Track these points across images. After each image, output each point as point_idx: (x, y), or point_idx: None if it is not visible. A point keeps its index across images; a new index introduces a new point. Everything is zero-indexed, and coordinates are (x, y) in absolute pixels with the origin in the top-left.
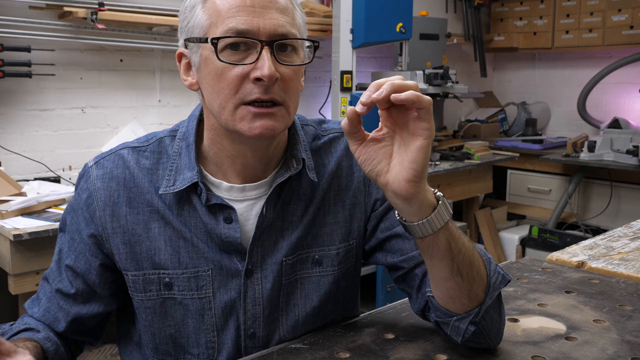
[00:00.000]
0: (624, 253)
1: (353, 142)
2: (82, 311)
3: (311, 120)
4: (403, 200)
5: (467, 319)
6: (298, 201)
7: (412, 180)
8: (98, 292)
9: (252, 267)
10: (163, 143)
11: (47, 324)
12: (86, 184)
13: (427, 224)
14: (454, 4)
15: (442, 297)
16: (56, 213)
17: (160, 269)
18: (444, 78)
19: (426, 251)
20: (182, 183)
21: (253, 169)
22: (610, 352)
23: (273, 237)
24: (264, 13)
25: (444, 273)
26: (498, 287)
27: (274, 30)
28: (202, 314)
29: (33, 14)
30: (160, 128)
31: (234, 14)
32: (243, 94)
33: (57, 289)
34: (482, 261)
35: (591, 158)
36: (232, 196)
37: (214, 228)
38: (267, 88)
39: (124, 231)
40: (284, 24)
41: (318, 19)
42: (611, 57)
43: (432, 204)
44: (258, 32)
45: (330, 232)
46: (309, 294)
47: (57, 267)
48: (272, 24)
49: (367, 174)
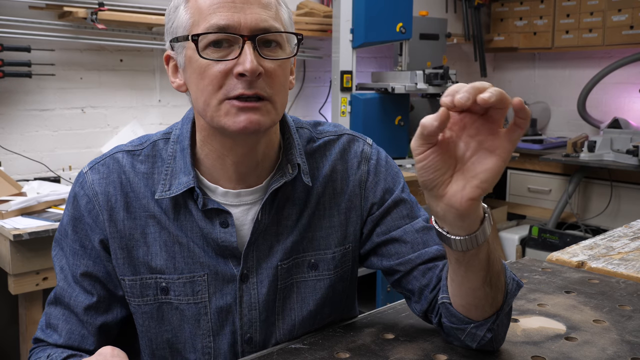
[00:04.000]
0: (624, 253)
1: (424, 143)
2: (107, 319)
3: (306, 122)
4: (457, 216)
5: (485, 326)
6: (293, 205)
7: (475, 199)
8: (119, 295)
9: (247, 271)
10: (157, 146)
11: (76, 347)
12: (83, 190)
13: (474, 238)
14: (454, 4)
15: (465, 305)
16: (56, 213)
17: (157, 274)
18: (444, 78)
19: (463, 263)
20: (178, 188)
21: (245, 168)
22: (610, 352)
23: (268, 242)
24: (245, 8)
25: (476, 284)
26: (514, 294)
27: (256, 25)
28: (198, 319)
29: (33, 14)
30: (160, 128)
31: (215, 10)
32: (227, 90)
33: (76, 304)
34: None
35: (591, 158)
36: (227, 201)
37: (210, 232)
38: (251, 83)
39: (121, 236)
40: (266, 19)
41: (318, 19)
42: (611, 57)
43: (480, 218)
44: (239, 27)
45: (325, 236)
46: (306, 298)
47: (67, 285)
48: (254, 19)
49: (423, 182)
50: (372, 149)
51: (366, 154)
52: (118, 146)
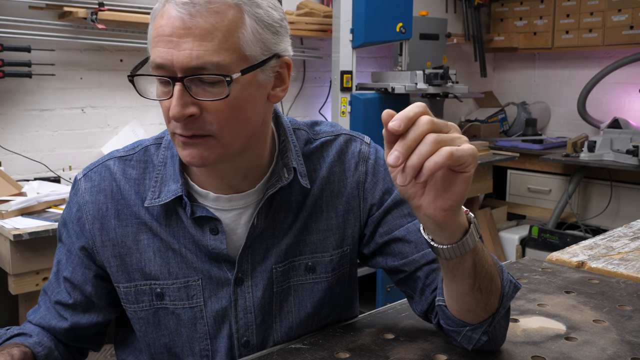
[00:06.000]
0: (624, 253)
1: None
2: (81, 320)
3: (303, 123)
4: (436, 226)
5: (480, 329)
6: (289, 208)
7: (449, 210)
8: (96, 303)
9: (242, 275)
10: (148, 152)
11: (45, 329)
12: (75, 197)
13: (458, 247)
14: (454, 4)
15: (458, 310)
16: (56, 213)
17: (152, 280)
18: (444, 78)
19: (450, 270)
20: (167, 195)
21: (233, 180)
22: (610, 352)
23: (263, 245)
24: (180, 43)
25: (464, 290)
26: (511, 297)
27: (187, 64)
28: (195, 322)
29: (33, 14)
30: (160, 128)
31: (156, 44)
32: (171, 126)
33: (56, 300)
34: (497, 271)
35: (591, 158)
36: (219, 206)
37: (200, 239)
38: (185, 124)
39: (113, 244)
40: (200, 55)
41: (318, 19)
42: (611, 57)
43: (464, 227)
44: (172, 65)
45: (323, 239)
46: (303, 300)
47: (55, 279)
48: (185, 56)
49: (399, 192)
50: (370, 148)
51: (364, 154)
52: (112, 152)
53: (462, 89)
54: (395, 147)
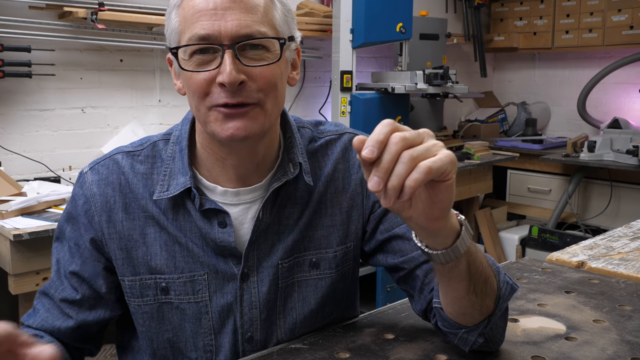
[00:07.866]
0: (624, 253)
1: None
2: (88, 317)
3: (307, 122)
4: (427, 234)
5: (476, 331)
6: (294, 204)
7: (437, 218)
8: (104, 297)
9: (247, 270)
10: (157, 147)
11: (48, 332)
12: (82, 190)
13: (451, 252)
14: (454, 4)
15: (453, 313)
16: (56, 213)
17: (157, 274)
18: (444, 78)
19: (445, 274)
20: (176, 188)
21: (245, 170)
22: (610, 352)
23: (269, 241)
24: (226, 15)
25: (459, 293)
26: (507, 298)
27: (236, 32)
28: (199, 317)
29: (33, 14)
30: (160, 128)
31: (197, 19)
32: (212, 98)
33: (62, 298)
34: (493, 273)
35: (591, 158)
36: (226, 200)
37: (208, 233)
38: (234, 92)
39: (120, 237)
40: (248, 24)
41: (318, 19)
42: (611, 57)
43: (456, 231)
44: (220, 35)
45: (327, 235)
46: (307, 296)
47: (57, 278)
48: (234, 26)
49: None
50: None
51: None
52: (119, 147)
53: (462, 89)
54: (374, 172)
